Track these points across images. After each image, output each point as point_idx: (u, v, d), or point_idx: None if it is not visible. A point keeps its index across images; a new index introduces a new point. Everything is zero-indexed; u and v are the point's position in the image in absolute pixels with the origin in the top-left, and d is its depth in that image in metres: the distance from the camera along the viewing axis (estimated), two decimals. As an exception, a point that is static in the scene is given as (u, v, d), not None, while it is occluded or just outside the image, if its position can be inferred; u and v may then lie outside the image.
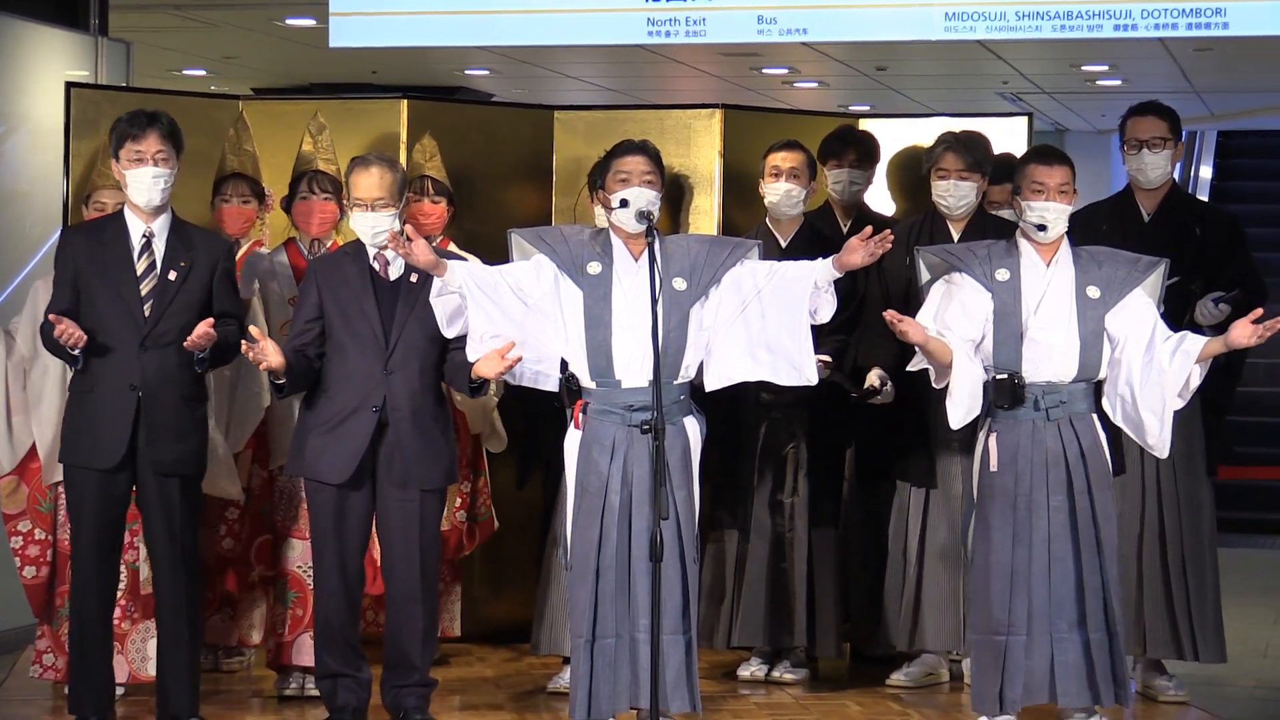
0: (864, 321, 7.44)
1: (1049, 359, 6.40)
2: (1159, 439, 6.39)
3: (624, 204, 6.26)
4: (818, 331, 6.45)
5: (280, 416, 7.12)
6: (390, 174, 6.64)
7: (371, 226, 6.58)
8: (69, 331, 6.25)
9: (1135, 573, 7.23)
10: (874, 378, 7.25)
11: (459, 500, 7.63)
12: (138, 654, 6.94)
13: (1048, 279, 6.45)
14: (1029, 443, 6.42)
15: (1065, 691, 6.46)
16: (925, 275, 6.64)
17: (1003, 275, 6.46)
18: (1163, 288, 6.53)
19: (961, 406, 6.45)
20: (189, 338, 6.32)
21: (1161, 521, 7.29)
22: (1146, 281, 6.47)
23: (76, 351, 6.32)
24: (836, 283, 7.37)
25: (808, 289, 6.28)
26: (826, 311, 6.34)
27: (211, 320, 6.36)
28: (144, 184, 6.42)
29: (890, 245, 6.23)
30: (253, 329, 6.34)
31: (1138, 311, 6.42)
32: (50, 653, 7.07)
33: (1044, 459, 6.41)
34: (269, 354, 6.30)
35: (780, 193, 7.49)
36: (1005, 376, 6.41)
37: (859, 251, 6.21)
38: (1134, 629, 7.19)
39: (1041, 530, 6.40)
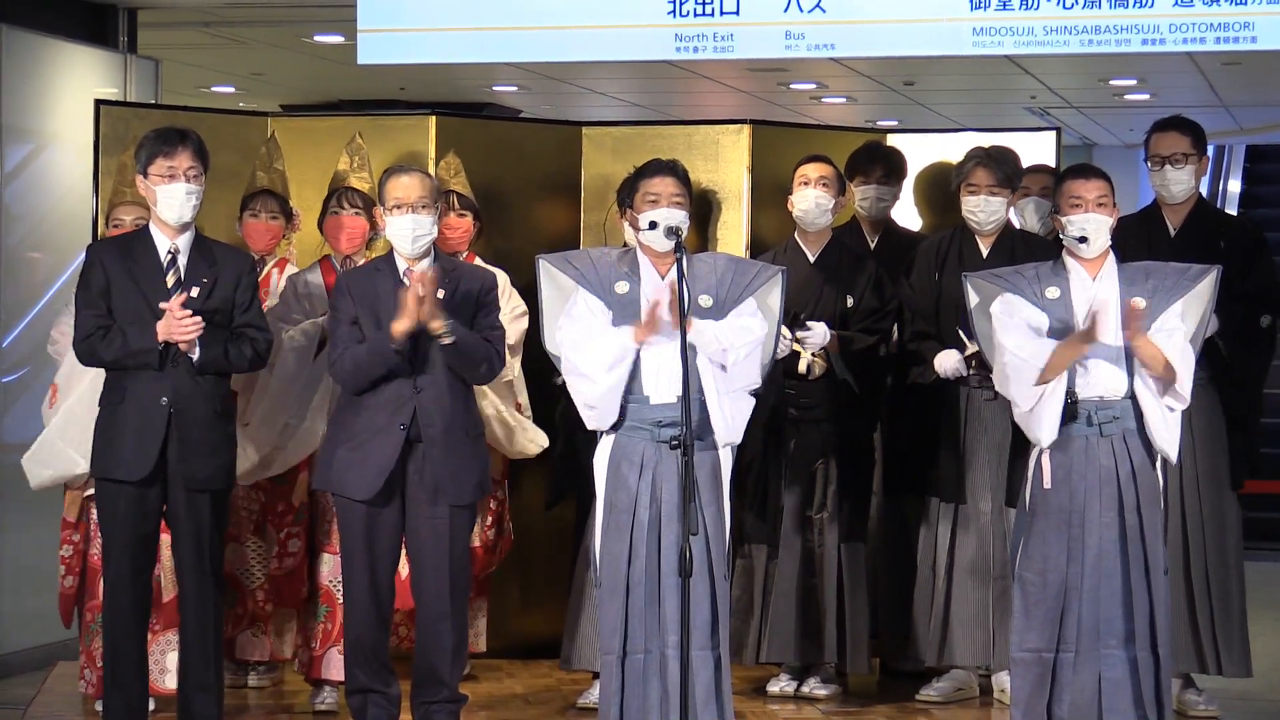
0: (902, 335, 7.48)
1: (1099, 374, 6.36)
2: (1161, 446, 6.34)
3: (653, 225, 6.26)
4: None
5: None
6: (428, 180, 6.68)
7: (412, 229, 6.55)
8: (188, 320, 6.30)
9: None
10: (970, 345, 7.19)
11: (490, 518, 7.65)
12: (155, 665, 6.95)
13: (1093, 294, 6.43)
14: (1082, 459, 6.37)
15: (1111, 708, 6.41)
16: (974, 299, 6.59)
17: (1053, 293, 6.42)
18: (1213, 296, 6.48)
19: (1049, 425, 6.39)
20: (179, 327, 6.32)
21: (1186, 536, 7.28)
22: (1193, 291, 6.42)
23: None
24: (858, 293, 7.39)
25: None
26: (731, 356, 6.21)
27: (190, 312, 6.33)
28: (177, 200, 6.43)
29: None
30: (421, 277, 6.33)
31: (1165, 323, 6.38)
32: (87, 668, 7.10)
33: (1097, 475, 6.36)
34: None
35: (810, 200, 7.49)
36: None
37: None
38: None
39: (1093, 547, 6.36)
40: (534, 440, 7.64)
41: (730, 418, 6.19)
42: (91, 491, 6.88)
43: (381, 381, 6.46)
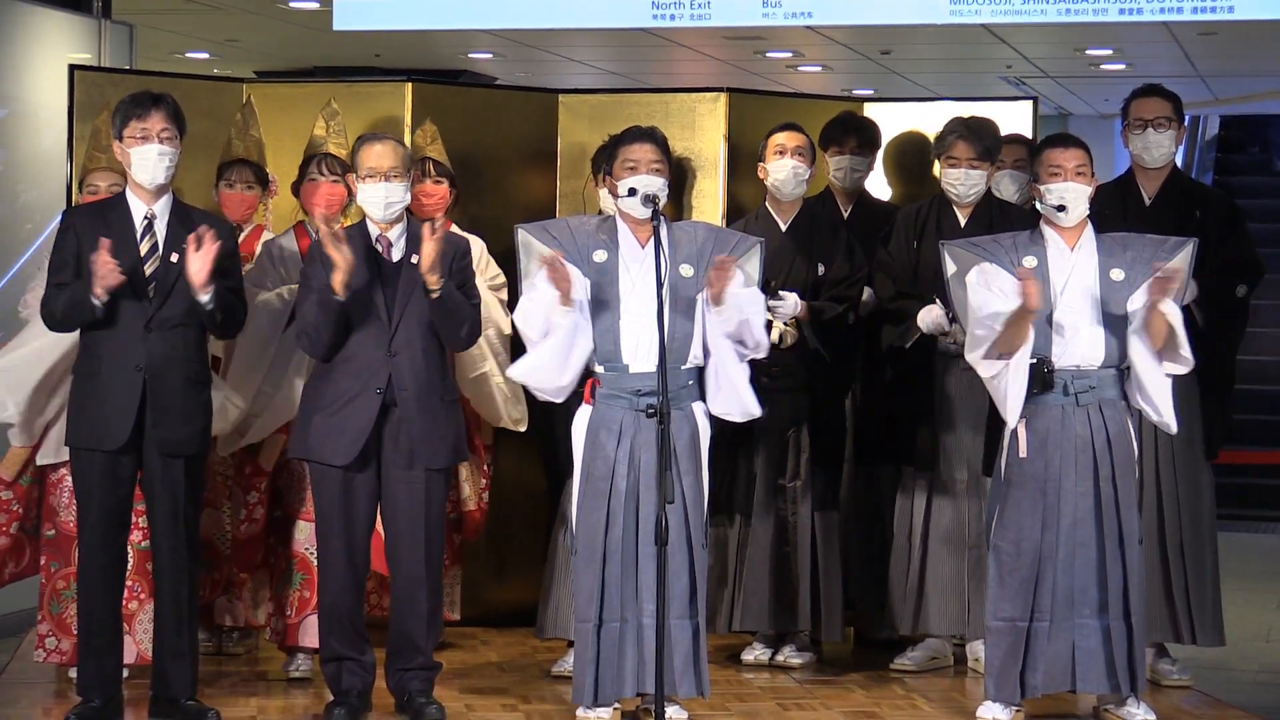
0: (877, 304, 7.46)
1: (1076, 343, 6.39)
2: (1163, 418, 6.39)
3: (632, 192, 6.25)
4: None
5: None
6: (400, 147, 6.64)
7: (384, 197, 6.50)
8: (110, 269, 6.19)
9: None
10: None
11: (484, 481, 7.64)
12: (145, 634, 6.93)
13: (1071, 264, 6.45)
14: (1059, 428, 6.40)
15: (1085, 678, 6.46)
16: (951, 268, 6.60)
17: (1029, 262, 6.45)
18: (1191, 267, 6.50)
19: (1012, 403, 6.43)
20: (193, 273, 6.27)
21: (1160, 506, 7.29)
22: (1170, 263, 6.44)
23: (102, 299, 6.25)
24: (831, 262, 7.36)
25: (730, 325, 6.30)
26: (752, 337, 6.34)
27: (210, 251, 6.29)
28: (149, 161, 6.40)
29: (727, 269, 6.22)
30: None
31: (1143, 293, 6.40)
32: (52, 636, 7.06)
33: (1073, 445, 6.39)
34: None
35: (787, 169, 7.44)
36: (1035, 362, 6.39)
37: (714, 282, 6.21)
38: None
39: (1068, 516, 6.39)
40: (523, 418, 7.62)
41: (748, 388, 6.27)
42: (49, 461, 6.88)
43: (353, 345, 6.45)
